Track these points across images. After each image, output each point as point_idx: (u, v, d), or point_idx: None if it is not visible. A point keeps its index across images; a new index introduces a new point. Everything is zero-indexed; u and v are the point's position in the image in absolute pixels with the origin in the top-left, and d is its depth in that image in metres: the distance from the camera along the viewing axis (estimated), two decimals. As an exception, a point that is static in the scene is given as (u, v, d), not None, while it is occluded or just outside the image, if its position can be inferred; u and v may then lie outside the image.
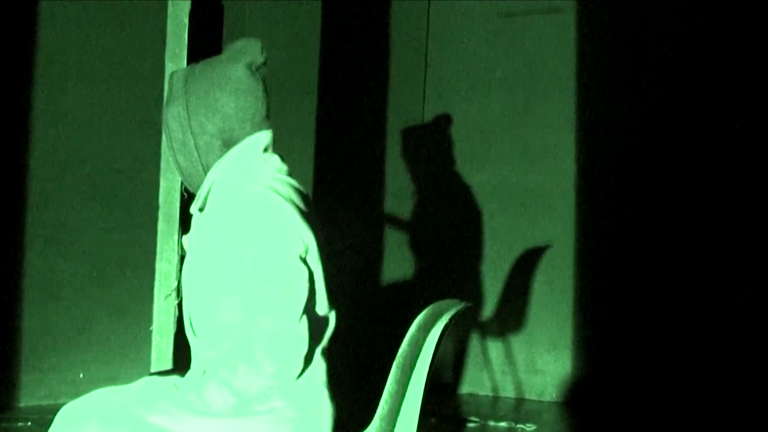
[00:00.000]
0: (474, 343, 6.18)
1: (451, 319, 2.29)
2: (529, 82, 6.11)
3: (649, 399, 5.71)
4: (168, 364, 2.63)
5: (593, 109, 5.96)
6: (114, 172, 4.96)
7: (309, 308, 2.14)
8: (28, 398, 5.10)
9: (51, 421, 2.22)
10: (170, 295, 2.73)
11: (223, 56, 2.29)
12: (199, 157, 2.24)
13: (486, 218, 6.17)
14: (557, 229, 6.01)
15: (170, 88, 2.27)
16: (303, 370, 2.14)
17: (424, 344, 2.28)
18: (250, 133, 2.25)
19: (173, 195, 2.71)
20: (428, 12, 6.33)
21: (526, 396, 6.07)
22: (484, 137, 6.18)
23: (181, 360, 2.31)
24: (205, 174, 2.26)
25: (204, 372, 2.18)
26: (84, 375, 5.26)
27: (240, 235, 2.13)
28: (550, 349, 6.03)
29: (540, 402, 5.99)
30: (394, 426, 2.26)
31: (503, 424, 5.29)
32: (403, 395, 2.26)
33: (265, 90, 2.29)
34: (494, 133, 6.17)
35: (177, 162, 2.27)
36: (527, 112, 6.11)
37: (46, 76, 5.09)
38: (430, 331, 2.29)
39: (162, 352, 2.64)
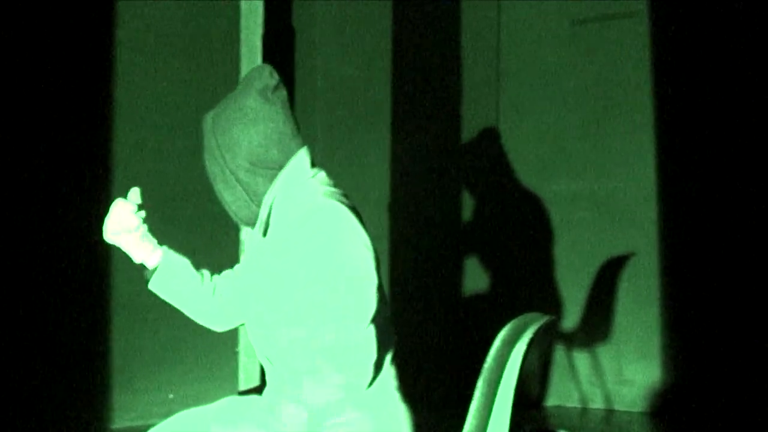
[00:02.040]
0: (560, 354, 6.12)
1: (536, 333, 2.27)
2: (605, 89, 6.05)
3: (742, 409, 5.59)
4: (255, 382, 2.65)
5: (671, 114, 5.88)
6: (194, 195, 5.02)
7: (376, 316, 2.16)
8: (120, 420, 5.18)
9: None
10: None
11: (237, 88, 2.34)
12: (244, 190, 2.27)
13: (566, 228, 6.12)
14: (640, 237, 5.93)
15: (202, 131, 2.33)
16: (374, 378, 2.16)
17: (509, 358, 2.27)
18: (290, 154, 2.28)
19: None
20: (499, 21, 6.31)
21: (616, 407, 5.99)
22: (561, 146, 6.13)
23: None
24: (256, 204, 2.28)
25: (279, 389, 2.20)
26: (174, 395, 5.32)
27: (310, 244, 2.16)
28: (639, 358, 5.95)
29: (630, 413, 5.91)
30: (482, 441, 2.25)
31: (593, 438, 5.23)
32: (490, 410, 2.25)
33: (287, 110, 2.31)
34: (571, 141, 6.12)
35: (224, 199, 2.32)
36: (604, 119, 6.04)
37: (123, 100, 5.18)
38: (515, 345, 2.28)
39: (249, 372, 2.66)
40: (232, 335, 2.76)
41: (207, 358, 5.32)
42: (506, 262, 6.25)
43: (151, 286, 2.39)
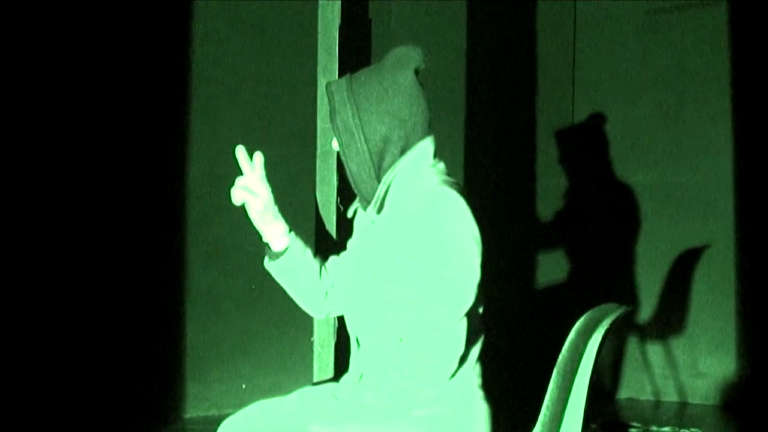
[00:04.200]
0: (633, 346, 6.07)
1: (612, 324, 2.25)
2: (682, 79, 5.97)
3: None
4: (329, 374, 2.67)
5: (749, 104, 5.78)
6: (275, 188, 5.05)
7: (470, 311, 2.15)
8: (193, 410, 5.24)
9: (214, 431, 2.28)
10: None
11: (387, 63, 2.31)
12: (372, 162, 2.26)
13: (642, 219, 6.06)
14: (716, 229, 5.85)
15: (331, 98, 2.30)
16: (456, 371, 2.15)
17: (585, 350, 2.25)
18: (421, 138, 2.29)
19: (329, 208, 2.75)
20: (575, 11, 6.26)
21: (689, 400, 5.92)
22: (637, 137, 6.07)
23: (343, 371, 2.34)
24: (377, 179, 2.27)
25: (361, 376, 2.20)
26: (246, 386, 5.37)
27: (421, 228, 2.15)
28: (713, 351, 5.87)
29: (704, 406, 5.84)
30: (557, 433, 2.24)
31: (666, 429, 5.17)
32: (565, 402, 2.24)
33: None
34: (648, 132, 6.05)
35: (348, 168, 2.29)
36: (681, 110, 5.97)
37: (201, 96, 5.23)
38: (590, 337, 2.26)
39: (324, 363, 2.68)
40: (308, 326, 2.78)
41: (281, 350, 5.35)
42: (582, 255, 6.21)
43: (270, 268, 2.40)
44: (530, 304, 6.20)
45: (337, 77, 2.74)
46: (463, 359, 2.16)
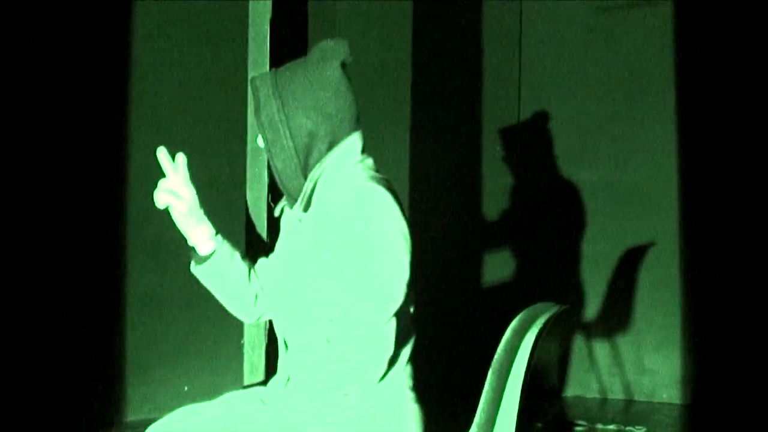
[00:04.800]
0: (579, 344, 6.07)
1: (546, 323, 2.22)
2: (628, 77, 5.97)
3: (764, 400, 5.52)
4: (260, 377, 2.61)
5: (695, 103, 5.80)
6: (206, 185, 5.01)
7: (400, 311, 2.10)
8: (135, 412, 5.16)
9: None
10: None
11: (312, 56, 2.25)
12: (298, 159, 2.20)
13: (587, 217, 6.06)
14: (661, 227, 5.87)
15: (256, 93, 2.24)
16: (386, 373, 2.10)
17: (519, 349, 2.22)
18: (348, 133, 2.23)
19: (260, 206, 2.70)
20: (521, 9, 6.24)
21: (636, 397, 5.93)
22: (583, 135, 6.07)
23: (273, 373, 2.29)
24: (303, 176, 2.22)
25: (288, 378, 2.15)
26: (189, 387, 5.30)
27: (347, 224, 2.10)
28: (659, 348, 5.89)
29: (650, 403, 5.85)
30: (491, 434, 2.20)
31: (612, 427, 5.17)
32: (499, 402, 2.20)
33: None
34: (593, 130, 6.05)
35: (274, 165, 2.23)
36: (627, 109, 5.97)
37: (138, 93, 5.17)
38: (525, 336, 2.22)
39: (254, 365, 2.62)
40: (238, 327, 2.73)
41: (224, 350, 5.28)
42: (526, 252, 6.20)
43: (197, 272, 2.33)
44: (473, 303, 6.18)
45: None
46: (393, 360, 2.11)
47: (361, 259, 2.07)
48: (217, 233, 2.32)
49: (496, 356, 2.26)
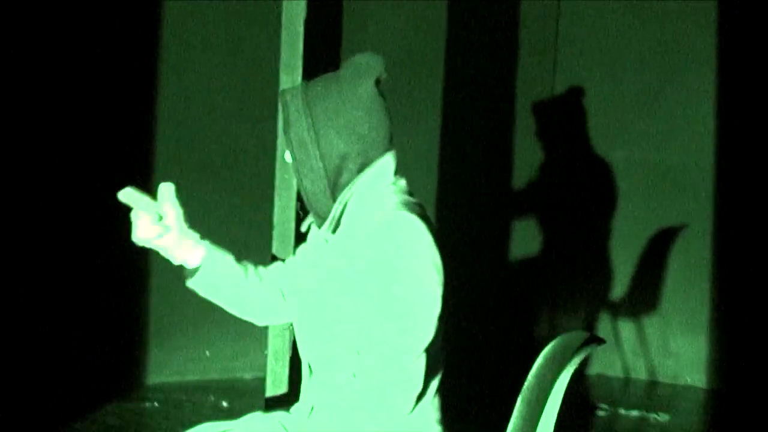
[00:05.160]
0: (604, 323, 6.02)
1: (580, 361, 2.16)
2: (665, 56, 5.84)
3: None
4: (283, 389, 2.57)
5: (735, 83, 5.68)
6: (232, 191, 5.07)
7: (430, 344, 2.03)
8: (155, 376, 5.17)
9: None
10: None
11: (346, 72, 2.14)
12: (328, 180, 2.11)
13: (619, 196, 5.98)
14: (695, 208, 5.78)
15: (285, 109, 2.14)
16: (414, 407, 2.04)
17: (554, 385, 2.15)
18: (381, 154, 2.12)
19: (288, 214, 2.62)
20: (561, -18, 6.10)
21: (659, 379, 5.89)
22: (619, 114, 5.96)
23: (297, 383, 2.23)
24: (332, 197, 2.13)
25: (312, 408, 2.09)
26: (210, 353, 5.30)
27: (380, 255, 2.01)
28: (685, 331, 5.84)
29: (673, 386, 5.81)
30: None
31: (635, 412, 5.12)
32: (529, 434, 2.14)
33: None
34: (629, 109, 5.94)
35: (302, 185, 2.14)
36: (664, 88, 5.85)
37: (168, 95, 5.15)
38: (561, 371, 2.16)
39: (277, 376, 2.57)
40: (263, 334, 2.68)
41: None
42: (558, 230, 6.13)
43: (190, 285, 2.26)
44: (503, 276, 6.13)
45: (300, 74, 2.58)
46: (421, 395, 2.04)
47: (392, 293, 1.99)
48: (202, 238, 2.24)
49: (527, 383, 2.20)
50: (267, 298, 2.32)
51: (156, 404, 4.70)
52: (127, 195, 2.14)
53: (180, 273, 2.26)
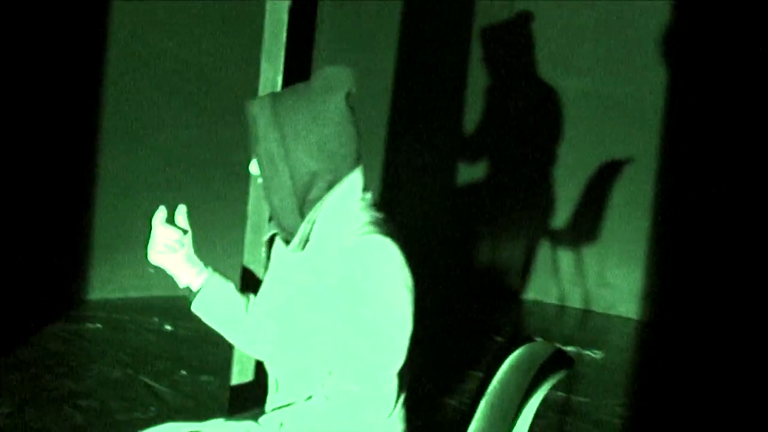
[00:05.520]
0: (544, 250, 6.09)
1: (547, 373, 2.19)
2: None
3: (722, 322, 5.60)
4: (249, 377, 2.56)
5: (689, 22, 5.66)
6: (195, 69, 4.99)
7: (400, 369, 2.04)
8: (98, 291, 5.14)
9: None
10: None
11: (315, 85, 2.09)
12: (297, 197, 2.08)
13: (567, 124, 5.98)
14: (643, 143, 5.81)
15: (254, 121, 2.10)
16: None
17: (519, 392, 2.19)
18: (350, 170, 2.10)
19: (262, 205, 2.58)
20: None
21: (593, 308, 6.00)
22: (573, 42, 5.92)
23: (264, 371, 2.23)
24: (301, 214, 2.10)
25: (281, 424, 2.10)
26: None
27: (352, 277, 2.00)
28: (622, 263, 5.93)
29: (607, 316, 5.93)
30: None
31: (570, 348, 5.23)
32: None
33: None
34: (584, 39, 5.91)
35: (270, 201, 2.11)
36: (620, 21, 5.82)
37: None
38: (526, 379, 2.19)
39: (244, 365, 2.56)
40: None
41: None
42: (504, 157, 6.13)
43: (194, 309, 2.24)
44: (446, 207, 6.14)
45: (282, 63, 2.51)
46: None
47: (365, 317, 1.99)
48: (206, 266, 2.23)
49: (490, 388, 2.23)
50: (252, 325, 2.31)
51: (99, 325, 4.68)
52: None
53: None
